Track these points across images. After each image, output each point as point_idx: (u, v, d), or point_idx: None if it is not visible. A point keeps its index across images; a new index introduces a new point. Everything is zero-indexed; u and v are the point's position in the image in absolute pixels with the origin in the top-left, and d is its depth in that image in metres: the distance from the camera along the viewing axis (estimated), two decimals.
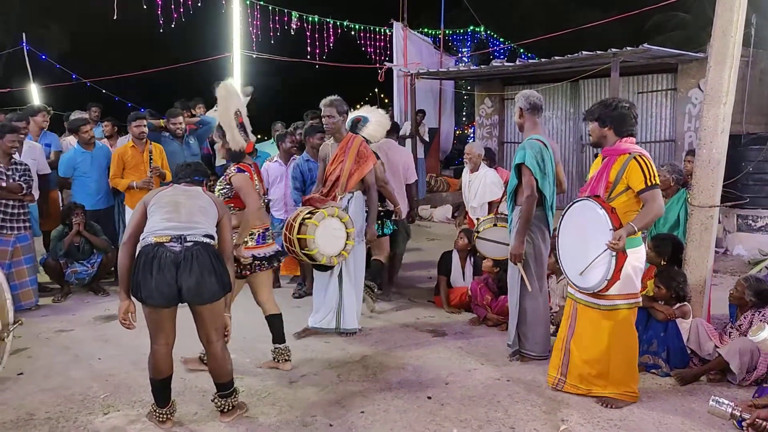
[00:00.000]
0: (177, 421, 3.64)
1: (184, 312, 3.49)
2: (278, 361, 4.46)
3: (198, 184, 3.80)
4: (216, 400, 3.66)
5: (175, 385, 4.12)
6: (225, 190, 4.25)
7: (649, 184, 3.67)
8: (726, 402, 2.94)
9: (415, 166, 6.94)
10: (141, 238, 3.38)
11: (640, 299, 3.95)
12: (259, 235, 4.33)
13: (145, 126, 6.61)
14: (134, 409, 3.84)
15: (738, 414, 2.92)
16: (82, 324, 5.43)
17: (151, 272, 3.22)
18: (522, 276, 4.55)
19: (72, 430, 3.59)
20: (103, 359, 4.68)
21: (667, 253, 4.74)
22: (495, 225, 5.46)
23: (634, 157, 3.72)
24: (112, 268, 6.69)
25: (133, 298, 3.41)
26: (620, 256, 3.63)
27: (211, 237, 3.37)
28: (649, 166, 3.70)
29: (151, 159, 6.59)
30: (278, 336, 4.47)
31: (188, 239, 3.29)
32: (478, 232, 5.58)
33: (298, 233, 4.73)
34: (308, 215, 4.79)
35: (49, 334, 5.13)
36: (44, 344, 4.91)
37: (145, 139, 6.62)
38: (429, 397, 4.00)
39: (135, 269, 3.30)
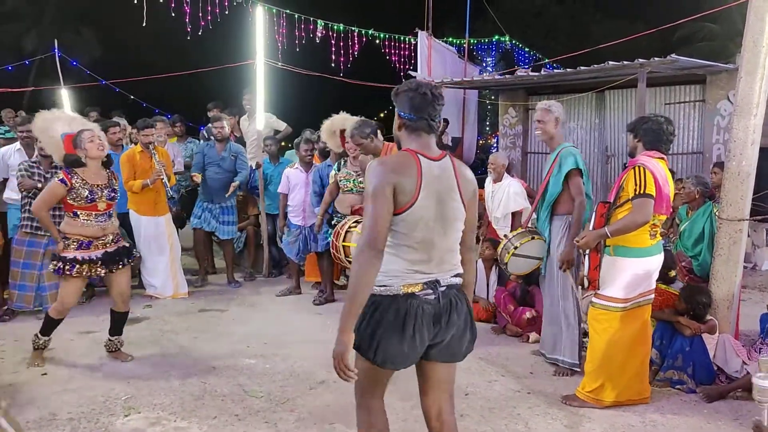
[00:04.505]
0: (196, 426, 3.65)
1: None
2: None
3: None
4: None
5: (195, 389, 4.16)
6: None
7: (639, 192, 3.76)
8: None
9: None
10: (380, 283, 2.47)
11: (613, 305, 3.92)
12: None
13: (153, 135, 6.46)
14: (154, 411, 3.86)
15: None
16: (106, 326, 5.41)
17: (403, 334, 2.45)
18: (572, 284, 4.50)
19: (93, 430, 3.62)
20: (124, 362, 4.72)
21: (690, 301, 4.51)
22: (533, 238, 4.79)
23: (634, 167, 3.84)
24: (136, 272, 6.76)
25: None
26: (592, 255, 3.88)
27: (460, 274, 2.66)
28: (643, 175, 3.78)
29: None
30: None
31: (442, 283, 2.55)
32: (516, 247, 4.80)
33: (344, 241, 4.99)
34: (354, 224, 5.02)
35: (73, 336, 5.19)
36: (68, 345, 4.97)
37: (153, 146, 6.44)
38: None
39: (369, 322, 2.48)
